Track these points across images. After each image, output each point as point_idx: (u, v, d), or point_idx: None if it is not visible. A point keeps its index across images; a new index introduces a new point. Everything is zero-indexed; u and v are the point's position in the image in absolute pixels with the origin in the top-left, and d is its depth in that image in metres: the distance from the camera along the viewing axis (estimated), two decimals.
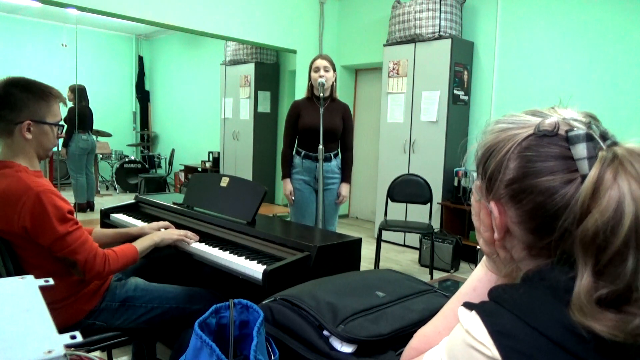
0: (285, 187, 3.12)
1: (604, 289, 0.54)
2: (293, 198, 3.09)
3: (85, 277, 1.56)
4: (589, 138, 0.59)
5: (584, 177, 0.58)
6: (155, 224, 2.03)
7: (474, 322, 0.61)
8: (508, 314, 0.59)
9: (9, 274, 1.45)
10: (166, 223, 2.06)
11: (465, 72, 4.71)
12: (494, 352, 0.57)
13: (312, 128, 2.98)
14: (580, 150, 0.59)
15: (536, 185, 0.61)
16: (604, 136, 0.60)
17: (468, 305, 0.65)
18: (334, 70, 3.04)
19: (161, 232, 1.89)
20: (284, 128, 3.18)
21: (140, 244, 1.75)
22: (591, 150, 0.59)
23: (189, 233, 1.94)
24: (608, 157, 0.57)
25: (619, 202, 0.54)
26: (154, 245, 1.81)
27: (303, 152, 3.09)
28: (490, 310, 0.61)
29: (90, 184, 6.23)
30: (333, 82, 3.04)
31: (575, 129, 0.61)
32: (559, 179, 0.59)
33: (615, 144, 0.60)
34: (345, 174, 3.17)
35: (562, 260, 0.61)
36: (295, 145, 3.16)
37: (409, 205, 4.75)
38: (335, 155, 3.15)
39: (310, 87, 3.09)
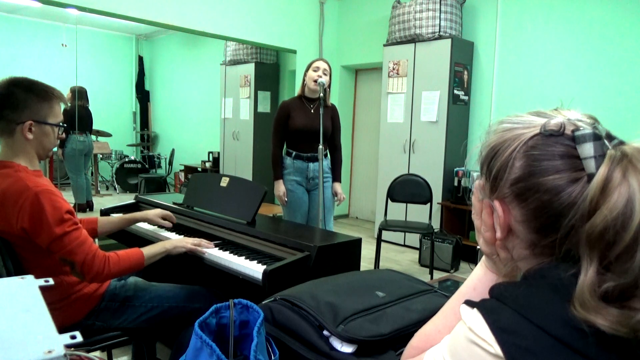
0: (278, 189, 3.10)
1: (611, 282, 0.55)
2: (286, 199, 3.09)
3: (84, 278, 1.53)
4: (595, 137, 0.60)
5: (590, 175, 0.59)
6: (158, 211, 2.09)
7: (476, 319, 0.61)
8: (509, 311, 0.60)
9: (9, 274, 1.44)
10: (163, 212, 2.10)
11: (465, 72, 4.71)
12: (496, 348, 0.57)
13: (303, 129, 2.99)
14: (587, 149, 0.59)
15: (542, 184, 0.61)
16: (610, 136, 0.61)
17: (470, 303, 0.66)
18: (331, 77, 3.03)
19: (174, 240, 1.82)
20: (272, 129, 3.11)
21: (149, 250, 1.68)
22: (598, 150, 0.59)
23: (203, 242, 1.86)
24: (617, 155, 0.58)
25: (629, 198, 0.55)
26: (165, 252, 1.73)
27: (294, 153, 3.08)
28: (491, 308, 0.62)
29: (86, 184, 6.22)
30: (327, 88, 2.99)
31: (581, 128, 0.61)
32: (565, 178, 0.60)
33: (622, 143, 0.60)
34: (337, 173, 3.20)
35: (565, 258, 0.61)
36: (285, 146, 3.14)
37: (409, 205, 4.75)
38: (325, 156, 3.15)
39: (303, 88, 3.07)
